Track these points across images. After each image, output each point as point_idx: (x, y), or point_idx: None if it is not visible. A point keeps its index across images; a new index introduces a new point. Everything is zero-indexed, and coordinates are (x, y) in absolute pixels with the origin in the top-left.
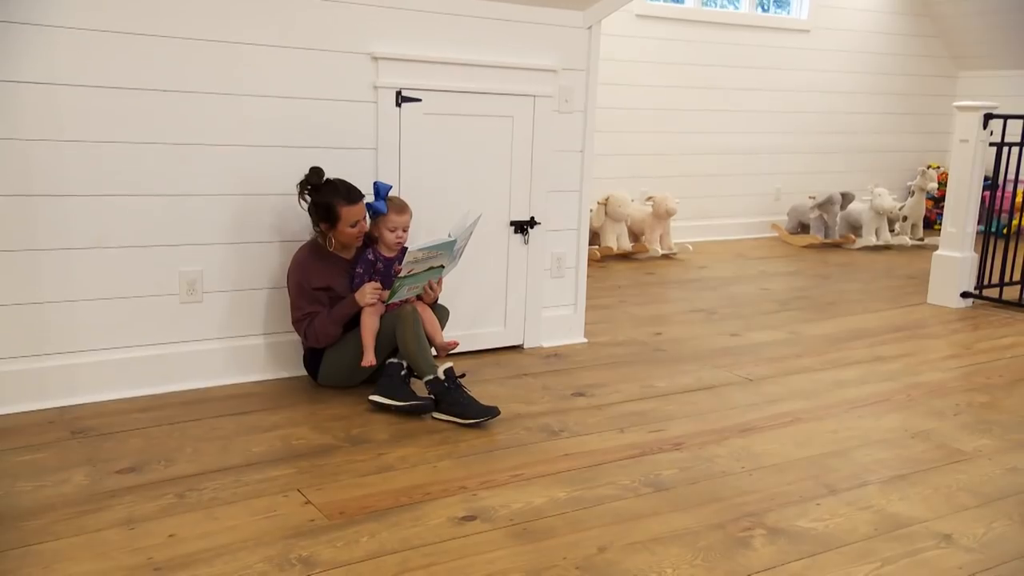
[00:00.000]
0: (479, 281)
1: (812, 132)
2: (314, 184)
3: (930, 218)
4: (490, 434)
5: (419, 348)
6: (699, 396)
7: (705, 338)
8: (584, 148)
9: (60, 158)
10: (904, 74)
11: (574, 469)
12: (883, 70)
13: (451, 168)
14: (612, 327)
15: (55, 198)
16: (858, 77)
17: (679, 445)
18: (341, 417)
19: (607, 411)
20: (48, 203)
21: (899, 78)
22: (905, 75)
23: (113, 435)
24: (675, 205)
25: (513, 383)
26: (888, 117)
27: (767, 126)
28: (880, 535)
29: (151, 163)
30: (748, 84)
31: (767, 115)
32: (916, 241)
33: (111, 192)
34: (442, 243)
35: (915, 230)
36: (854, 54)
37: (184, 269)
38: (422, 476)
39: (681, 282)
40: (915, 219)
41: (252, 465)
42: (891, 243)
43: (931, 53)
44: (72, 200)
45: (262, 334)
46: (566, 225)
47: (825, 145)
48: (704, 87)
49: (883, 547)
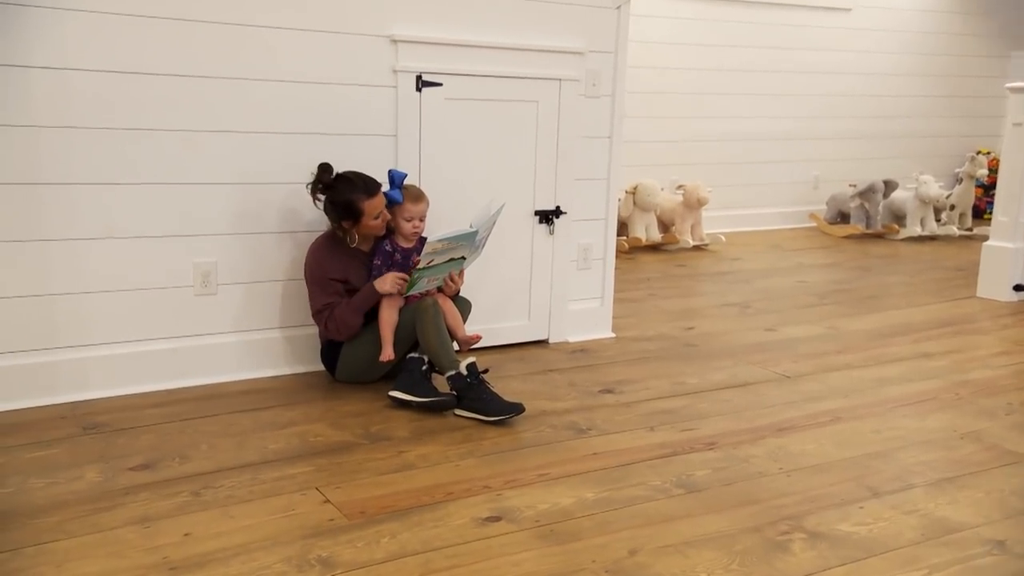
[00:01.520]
0: (502, 273)
1: (853, 116)
2: (326, 183)
3: (979, 207)
4: (514, 432)
5: (440, 342)
6: (733, 394)
7: (739, 333)
8: (612, 134)
9: (70, 145)
10: (952, 54)
11: (602, 469)
12: (929, 50)
13: (473, 156)
14: (641, 321)
15: (64, 186)
16: (902, 58)
17: (712, 444)
18: (360, 414)
19: (636, 409)
20: (57, 191)
21: (946, 58)
22: (953, 55)
23: (126, 431)
24: (707, 194)
25: (538, 379)
26: (935, 100)
27: (805, 110)
28: (927, 540)
29: (163, 150)
30: (785, 66)
31: (805, 99)
32: (964, 231)
33: (122, 180)
34: (463, 234)
35: (963, 219)
36: (898, 33)
37: (198, 260)
38: (444, 475)
39: (713, 274)
40: (963, 208)
41: (269, 463)
42: (937, 233)
43: (981, 31)
44: (82, 188)
45: (278, 328)
46: (593, 215)
47: (867, 130)
48: (739, 69)
49: (931, 553)
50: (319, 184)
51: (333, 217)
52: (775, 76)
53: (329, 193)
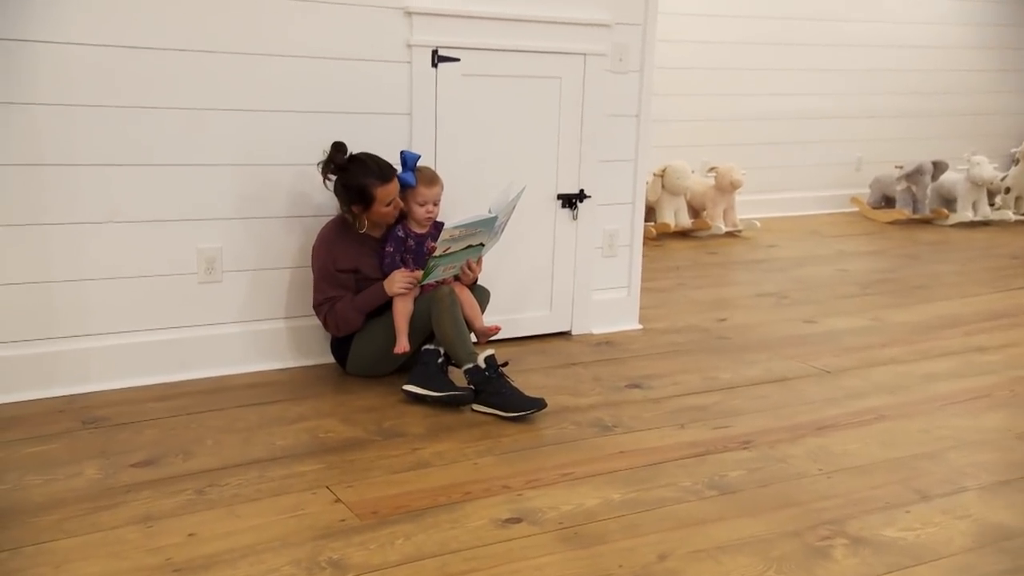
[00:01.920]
0: (523, 260)
1: (900, 92)
2: (339, 164)
3: None
4: (535, 429)
5: (457, 333)
6: (769, 389)
7: (775, 325)
8: (640, 113)
9: (70, 124)
10: (1007, 24)
11: (629, 468)
12: (984, 20)
13: (492, 135)
14: (670, 312)
15: (64, 168)
16: (953, 28)
17: (747, 444)
18: (372, 409)
19: (665, 405)
20: (57, 173)
21: (1001, 29)
22: (1008, 25)
23: (127, 426)
24: (741, 176)
25: (560, 373)
26: (988, 74)
27: (848, 86)
28: (981, 547)
29: (167, 130)
30: (826, 38)
31: (847, 73)
32: (1020, 216)
33: (124, 161)
34: (481, 219)
35: (1019, 203)
36: (947, 2)
37: (202, 246)
38: (461, 474)
39: (747, 262)
40: (1019, 191)
41: (277, 459)
42: (991, 218)
43: None
44: (83, 170)
45: (285, 318)
46: (619, 199)
47: (914, 108)
48: (776, 43)
49: (985, 561)
50: (331, 164)
51: (343, 199)
52: (815, 49)
53: (341, 175)
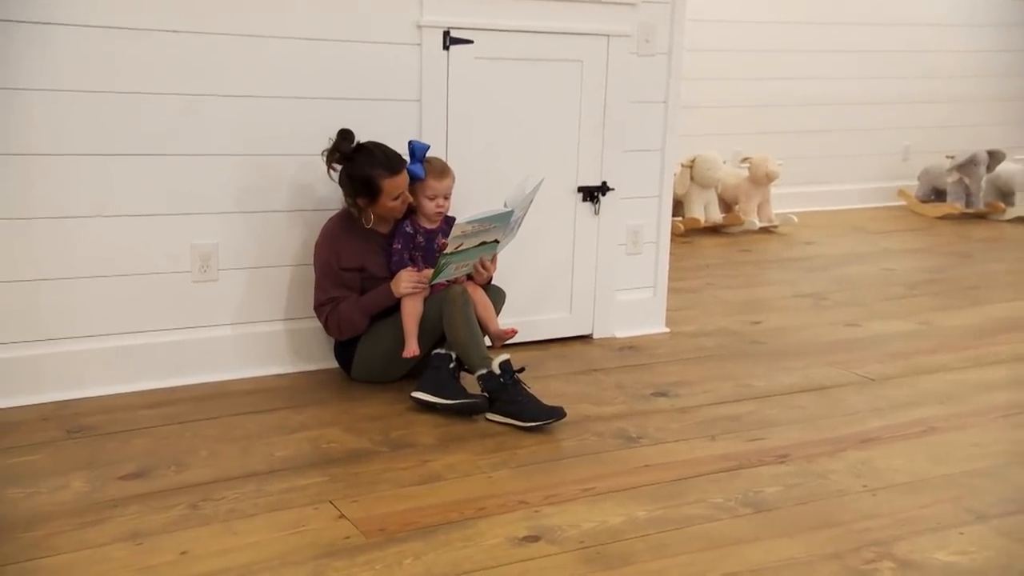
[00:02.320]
0: (540, 258)
1: (951, 76)
2: (345, 153)
3: None
4: (554, 440)
5: (470, 336)
6: (807, 399)
7: (814, 329)
8: (668, 99)
9: (57, 111)
10: None
11: (656, 483)
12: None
13: (507, 124)
14: (699, 314)
15: (50, 158)
16: (1011, 5)
17: (784, 457)
18: (379, 417)
19: (694, 415)
20: (43, 163)
21: None
22: None
23: (116, 435)
24: (777, 168)
25: (581, 379)
26: None
27: (894, 69)
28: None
29: (159, 117)
30: (869, 17)
31: (894, 56)
32: None
33: (114, 151)
34: (496, 214)
35: None
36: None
37: (197, 242)
38: (475, 488)
39: (784, 261)
40: None
41: (276, 472)
42: None
43: None
44: (70, 160)
45: (285, 319)
46: (645, 192)
47: (967, 92)
48: (815, 22)
49: None
50: (336, 153)
51: (348, 191)
52: (857, 29)
53: (346, 165)
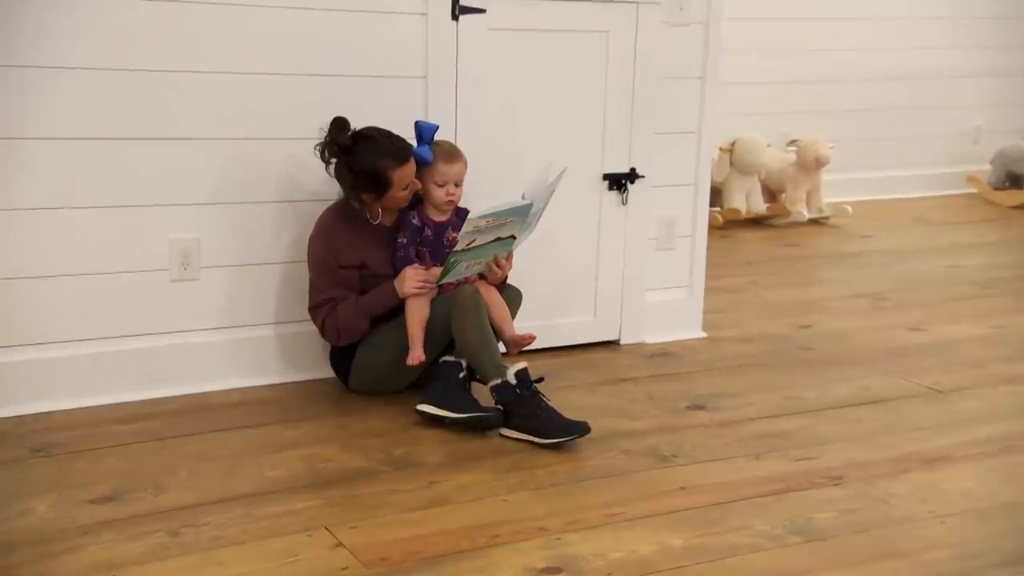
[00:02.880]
0: (561, 254)
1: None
2: (343, 144)
3: None
4: (577, 458)
5: (483, 342)
6: (864, 412)
7: (871, 333)
8: (705, 74)
9: (18, 90)
10: None
11: (693, 508)
12: None
13: (524, 103)
14: (741, 317)
15: (12, 142)
16: None
17: (838, 479)
18: (380, 433)
19: (736, 430)
20: (2, 148)
21: None
22: None
23: (85, 453)
24: (828, 151)
25: (607, 391)
26: None
27: (961, 38)
28: None
29: (134, 97)
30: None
31: (966, 22)
32: None
33: (83, 135)
34: (514, 207)
35: None
36: None
37: (176, 236)
38: (488, 513)
39: (837, 256)
40: None
41: (266, 494)
42: None
43: None
44: (32, 145)
45: (275, 323)
46: (678, 179)
47: None
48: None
49: None
50: (334, 146)
51: (349, 185)
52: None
53: (349, 160)
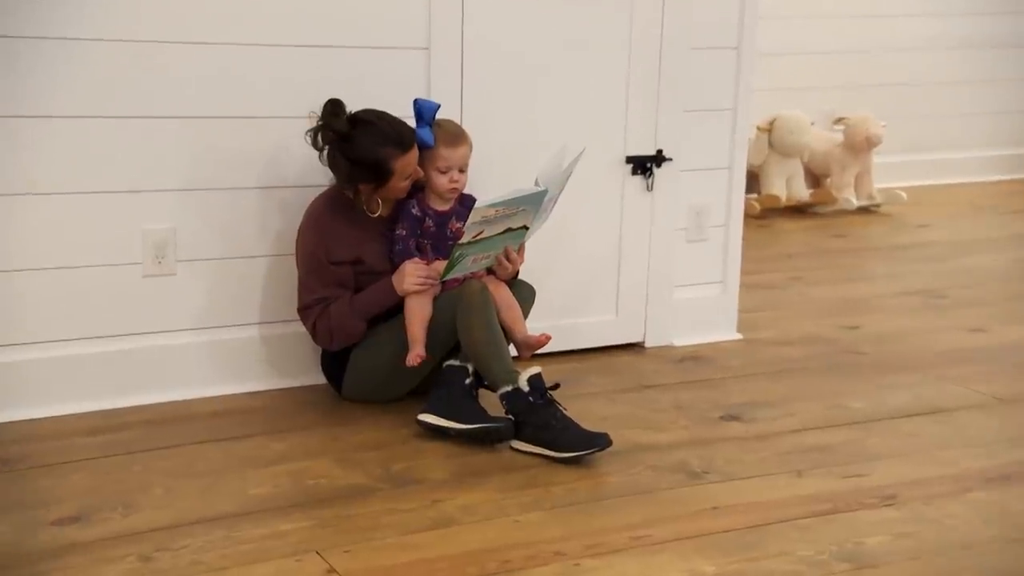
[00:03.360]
0: (580, 246)
1: None
2: (339, 131)
3: None
4: (598, 474)
5: (492, 345)
6: (920, 424)
7: (927, 335)
8: (741, 43)
9: None
10: None
11: (728, 531)
12: None
13: (538, 77)
14: (781, 317)
15: None
16: None
17: (891, 498)
18: (377, 446)
19: (775, 444)
20: None
21: None
22: None
23: (49, 468)
24: (880, 130)
25: (631, 399)
26: None
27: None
28: None
29: (103, 70)
30: None
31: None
32: None
33: (45, 112)
34: (526, 195)
35: None
36: None
37: (149, 227)
38: (498, 535)
39: (888, 249)
40: None
41: (249, 514)
42: None
43: None
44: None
45: (260, 323)
46: (711, 162)
47: None
48: None
49: None
50: (329, 132)
51: (346, 176)
52: None
53: (347, 149)
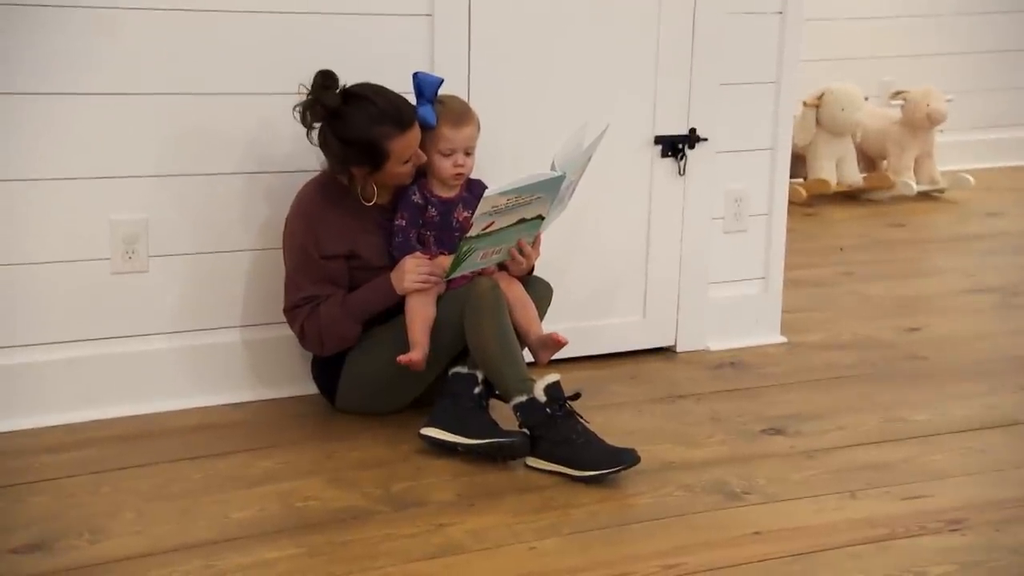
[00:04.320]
0: (603, 238)
1: None
2: (330, 106)
3: None
4: (624, 495)
5: (504, 349)
6: (990, 439)
7: (998, 339)
8: (786, 8)
9: None
10: None
11: (771, 558)
12: None
13: (554, 47)
14: (831, 318)
15: None
16: None
17: (957, 523)
18: (375, 463)
19: (825, 461)
20: None
21: None
22: None
23: (5, 490)
24: (944, 106)
25: (661, 410)
26: None
27: None
28: None
29: (64, 42)
30: None
31: None
32: None
33: (2, 89)
34: (542, 181)
35: None
36: None
37: (118, 218)
38: (511, 563)
39: (953, 240)
40: None
41: (232, 541)
42: None
43: None
44: None
45: (242, 326)
46: (751, 143)
47: None
48: None
49: None
50: (319, 107)
51: (338, 158)
52: None
53: (339, 127)
